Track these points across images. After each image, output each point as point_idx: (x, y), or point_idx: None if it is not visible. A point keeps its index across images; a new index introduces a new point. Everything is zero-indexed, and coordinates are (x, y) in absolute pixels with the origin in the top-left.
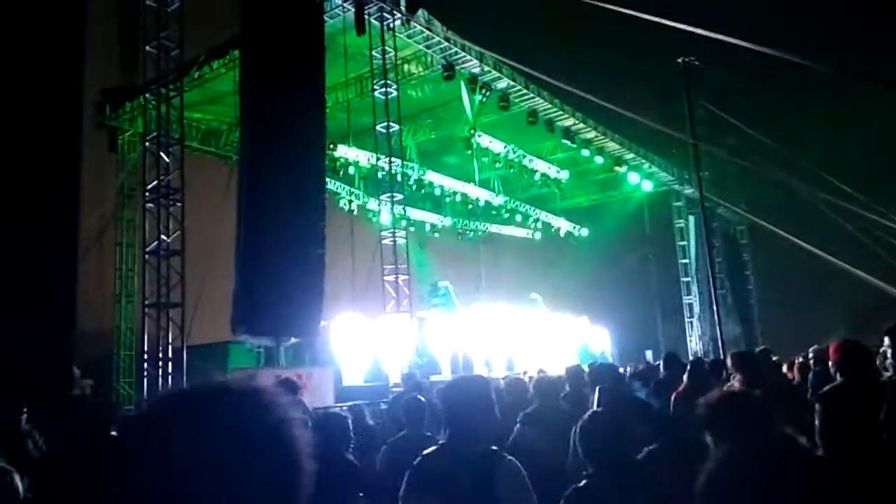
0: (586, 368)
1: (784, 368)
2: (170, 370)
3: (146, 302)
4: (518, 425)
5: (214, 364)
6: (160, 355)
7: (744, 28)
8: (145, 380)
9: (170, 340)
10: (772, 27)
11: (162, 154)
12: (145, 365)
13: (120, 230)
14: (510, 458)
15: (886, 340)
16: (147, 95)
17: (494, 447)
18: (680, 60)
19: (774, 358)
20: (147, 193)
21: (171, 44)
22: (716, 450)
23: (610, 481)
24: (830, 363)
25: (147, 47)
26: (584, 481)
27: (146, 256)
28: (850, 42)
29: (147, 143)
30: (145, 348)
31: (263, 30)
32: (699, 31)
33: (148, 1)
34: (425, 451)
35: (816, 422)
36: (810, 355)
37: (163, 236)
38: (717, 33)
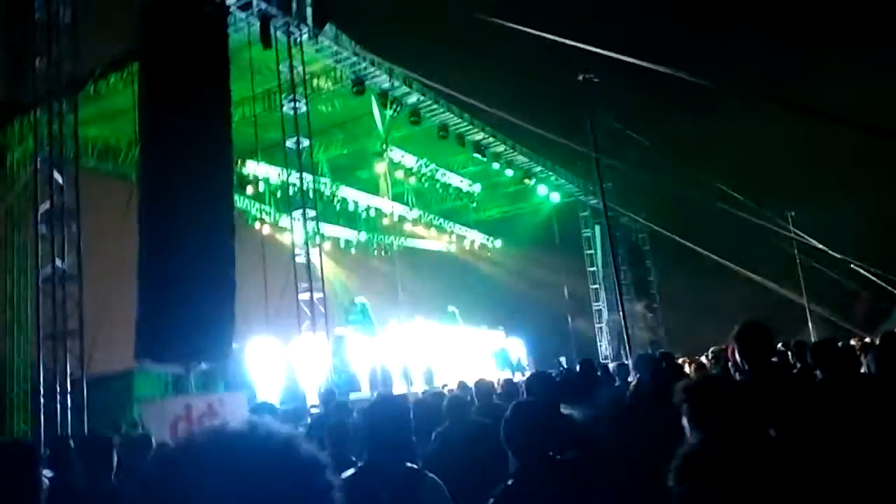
0: (518, 377)
1: (687, 368)
2: (70, 403)
3: (41, 332)
4: (433, 443)
5: (119, 394)
6: (59, 388)
7: (644, 45)
8: (42, 415)
9: (69, 372)
10: (670, 43)
11: (55, 174)
12: (42, 399)
13: (9, 256)
14: (431, 475)
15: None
16: (38, 112)
17: (414, 465)
18: (580, 78)
19: (680, 360)
20: (39, 216)
21: (62, 57)
22: (693, 434)
23: (535, 478)
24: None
25: (37, 61)
26: (510, 480)
27: (40, 283)
28: (740, 59)
29: (38, 163)
30: (46, 381)
31: (163, 42)
32: (597, 49)
33: (38, 14)
34: (344, 475)
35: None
36: (710, 356)
37: (58, 261)
38: (614, 51)
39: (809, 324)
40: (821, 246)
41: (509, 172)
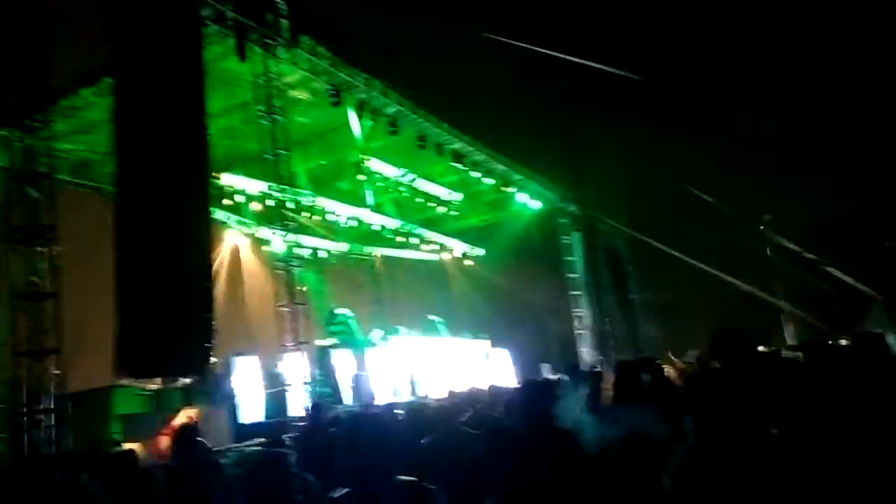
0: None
1: (667, 371)
2: (51, 422)
3: (19, 350)
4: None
5: (99, 411)
6: (38, 406)
7: (616, 53)
8: (25, 434)
9: (51, 389)
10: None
11: (29, 190)
12: (24, 418)
13: None
14: (430, 486)
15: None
16: (9, 127)
17: (413, 478)
18: (561, 89)
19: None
20: (13, 233)
21: (34, 72)
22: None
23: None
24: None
25: (8, 75)
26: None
27: (15, 301)
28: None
29: (12, 179)
30: (23, 400)
31: (136, 55)
32: (575, 59)
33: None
34: (335, 494)
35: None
36: (688, 359)
37: (33, 278)
38: (589, 60)
39: (786, 327)
40: (796, 248)
41: (489, 181)
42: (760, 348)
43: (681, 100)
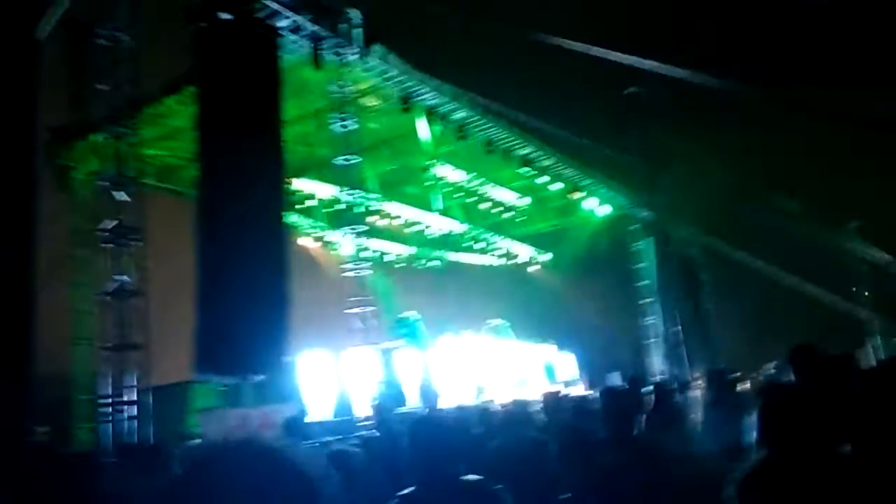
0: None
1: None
2: (133, 413)
3: (106, 344)
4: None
5: (178, 405)
6: (121, 398)
7: (693, 55)
8: (110, 424)
9: (132, 383)
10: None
11: (117, 193)
12: (109, 409)
13: (73, 271)
14: (495, 486)
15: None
16: (101, 133)
17: (478, 477)
18: (626, 92)
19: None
20: (104, 233)
21: (122, 81)
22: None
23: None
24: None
25: (98, 85)
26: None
27: (105, 297)
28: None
29: (102, 183)
30: (107, 391)
31: (218, 65)
32: (644, 62)
33: (100, 41)
34: (400, 493)
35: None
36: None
37: (122, 277)
38: (662, 62)
39: (878, 338)
40: (885, 256)
41: (557, 185)
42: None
43: (761, 101)
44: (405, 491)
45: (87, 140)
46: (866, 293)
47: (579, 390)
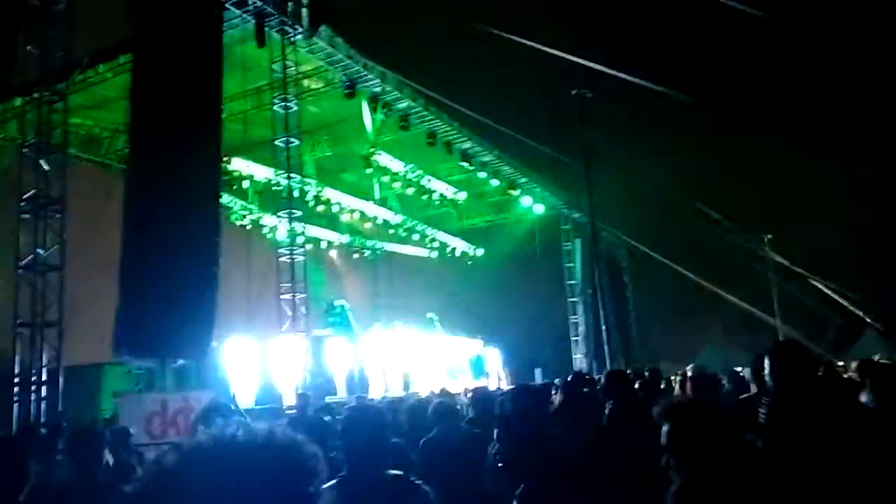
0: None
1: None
2: (43, 394)
3: (20, 320)
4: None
5: (90, 387)
6: (33, 377)
7: (634, 60)
8: (16, 405)
9: (45, 362)
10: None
11: (41, 161)
12: (16, 388)
13: None
14: (418, 482)
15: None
16: (26, 98)
17: (399, 472)
18: (574, 93)
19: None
20: (23, 203)
21: (55, 45)
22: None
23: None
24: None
25: (29, 47)
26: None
27: (20, 271)
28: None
29: (25, 150)
30: (18, 370)
31: (158, 35)
32: (588, 63)
33: (33, 0)
34: (324, 485)
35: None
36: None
37: (39, 250)
38: (605, 66)
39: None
40: (795, 268)
41: (495, 182)
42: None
43: (694, 113)
44: (329, 483)
45: (11, 103)
46: (776, 301)
47: (502, 385)
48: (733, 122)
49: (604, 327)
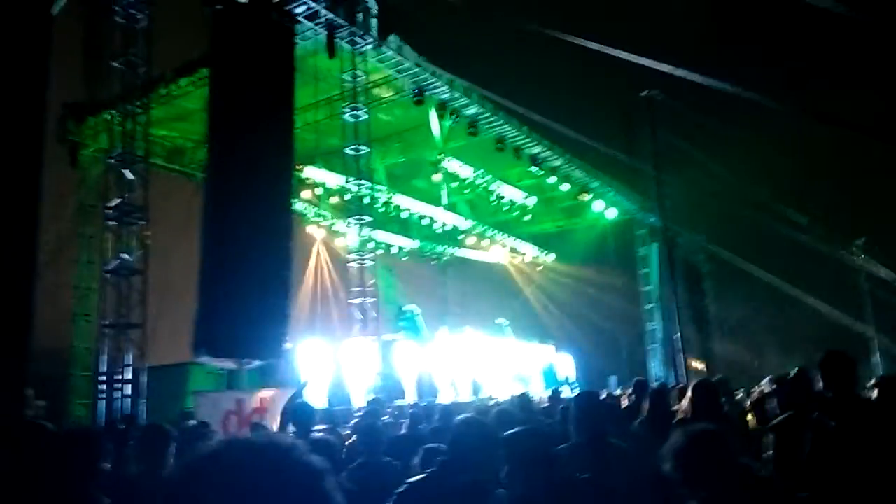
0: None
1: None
2: (128, 391)
3: (105, 322)
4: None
5: (174, 386)
6: (118, 376)
7: (706, 61)
8: (103, 401)
9: (129, 361)
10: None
11: (126, 171)
12: (103, 386)
13: (78, 247)
14: (502, 490)
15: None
16: (112, 111)
17: (482, 478)
18: (644, 94)
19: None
20: (109, 211)
21: (137, 60)
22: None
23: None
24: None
25: (114, 63)
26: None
27: (107, 275)
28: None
29: (111, 160)
30: (104, 369)
31: (233, 49)
32: (657, 65)
33: (117, 17)
34: (410, 480)
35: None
36: (764, 386)
37: (124, 255)
38: (677, 67)
39: (877, 356)
40: (889, 273)
41: (566, 187)
42: None
43: (775, 109)
44: (417, 477)
45: (99, 117)
46: (868, 309)
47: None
48: (820, 118)
49: (678, 335)
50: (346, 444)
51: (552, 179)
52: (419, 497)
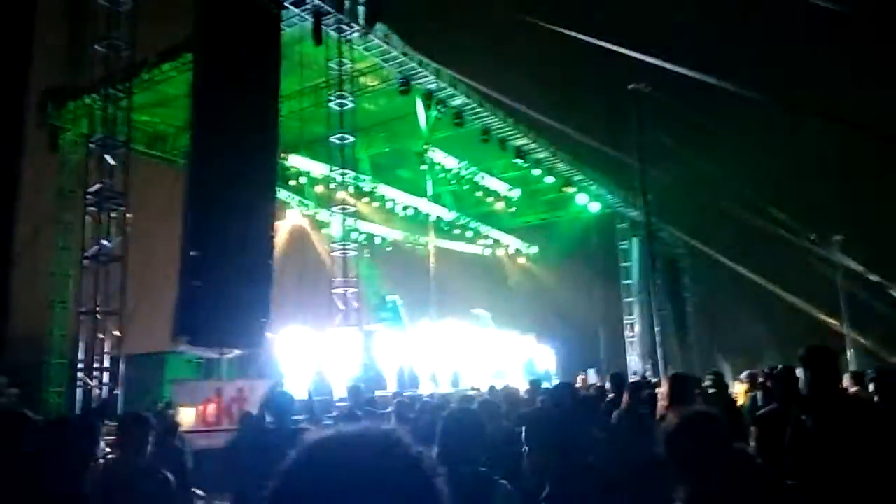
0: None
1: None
2: (105, 379)
3: (82, 309)
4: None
5: (151, 374)
6: (95, 364)
7: (693, 55)
8: (78, 389)
9: (106, 349)
10: (721, 54)
11: (106, 156)
12: (79, 374)
13: (56, 233)
14: (504, 482)
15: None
16: (94, 95)
17: (484, 468)
18: (631, 87)
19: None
20: (88, 196)
21: (120, 43)
22: (682, 478)
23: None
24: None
25: (96, 46)
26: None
27: (84, 262)
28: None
29: (92, 145)
30: (81, 356)
31: (218, 35)
32: (646, 58)
33: (100, 0)
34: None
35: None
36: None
37: (103, 241)
38: (664, 61)
39: (849, 353)
40: (862, 270)
41: (550, 179)
42: None
43: (759, 109)
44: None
45: (80, 101)
46: (843, 306)
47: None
48: (802, 115)
49: (657, 328)
50: None
51: (537, 171)
52: None
